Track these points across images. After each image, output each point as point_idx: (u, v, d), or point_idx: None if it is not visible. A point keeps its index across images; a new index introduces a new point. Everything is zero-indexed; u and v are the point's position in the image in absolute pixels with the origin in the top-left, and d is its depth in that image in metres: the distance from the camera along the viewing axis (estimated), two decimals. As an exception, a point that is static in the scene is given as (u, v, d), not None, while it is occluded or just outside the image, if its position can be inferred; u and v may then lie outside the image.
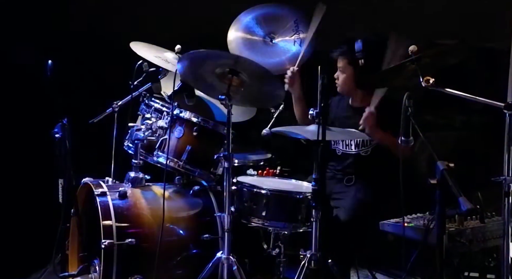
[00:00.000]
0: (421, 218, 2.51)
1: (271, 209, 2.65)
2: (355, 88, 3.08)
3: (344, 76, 3.07)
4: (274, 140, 3.07)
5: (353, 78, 3.05)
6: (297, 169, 3.22)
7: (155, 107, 2.93)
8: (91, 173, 2.89)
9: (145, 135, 2.85)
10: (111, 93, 3.12)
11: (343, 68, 3.06)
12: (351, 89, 3.10)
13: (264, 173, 3.13)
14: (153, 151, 2.87)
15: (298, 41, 3.16)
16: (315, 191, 2.50)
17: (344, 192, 3.01)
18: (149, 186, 2.86)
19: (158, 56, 3.00)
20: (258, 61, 3.12)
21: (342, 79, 3.08)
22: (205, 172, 2.90)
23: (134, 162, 2.85)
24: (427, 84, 2.26)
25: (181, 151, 2.84)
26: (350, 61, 3.03)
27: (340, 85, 3.10)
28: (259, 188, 2.69)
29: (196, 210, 2.85)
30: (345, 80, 3.07)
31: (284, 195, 2.70)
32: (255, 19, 3.25)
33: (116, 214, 2.61)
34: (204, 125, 2.86)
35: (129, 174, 2.84)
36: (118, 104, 3.05)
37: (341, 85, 3.10)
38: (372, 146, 3.03)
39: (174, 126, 2.86)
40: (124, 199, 2.69)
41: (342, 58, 3.06)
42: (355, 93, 3.11)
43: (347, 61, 3.04)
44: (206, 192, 2.90)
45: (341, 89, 3.12)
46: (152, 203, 2.74)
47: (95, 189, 2.68)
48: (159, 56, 2.99)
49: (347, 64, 3.05)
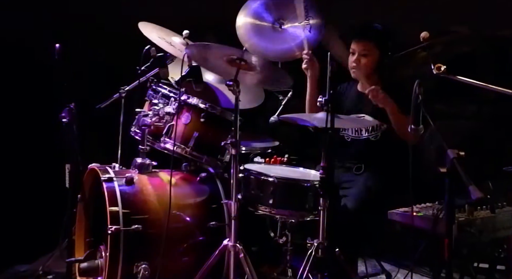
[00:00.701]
0: (430, 208, 2.51)
1: (278, 197, 2.66)
2: (373, 72, 3.05)
3: (368, 59, 3.00)
4: (282, 127, 3.07)
5: (378, 61, 3.00)
6: (305, 157, 3.22)
7: (162, 92, 2.93)
8: (98, 159, 2.90)
9: (152, 120, 2.85)
10: (118, 78, 3.13)
11: (368, 51, 3.00)
12: (369, 73, 3.04)
13: (272, 161, 3.14)
14: (160, 137, 2.88)
15: (308, 27, 3.14)
16: (323, 179, 2.50)
17: (352, 181, 3.01)
18: (156, 173, 2.87)
19: (166, 39, 2.99)
20: (267, 48, 3.15)
21: (365, 63, 3.01)
22: (212, 159, 2.90)
23: (141, 148, 2.85)
24: (439, 72, 2.25)
25: (188, 137, 2.85)
26: (378, 45, 2.99)
27: (360, 69, 3.02)
28: (267, 175, 2.69)
29: (203, 197, 2.85)
30: (369, 63, 3.01)
31: (291, 183, 2.70)
32: (264, 4, 3.22)
33: (122, 200, 2.62)
34: (211, 111, 2.86)
35: (136, 160, 2.85)
36: (125, 89, 3.06)
37: (363, 68, 3.01)
38: (381, 130, 3.02)
39: (181, 112, 2.86)
40: (130, 185, 2.70)
41: (368, 41, 3.01)
42: (369, 78, 3.07)
43: (374, 44, 3.00)
44: (213, 179, 2.90)
45: (359, 73, 3.03)
46: (159, 190, 2.75)
47: (102, 175, 2.69)
48: (166, 40, 2.98)
49: (374, 47, 3.00)
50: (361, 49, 3.02)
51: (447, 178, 1.96)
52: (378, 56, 3.01)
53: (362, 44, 3.02)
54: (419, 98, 2.18)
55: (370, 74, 3.05)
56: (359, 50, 3.03)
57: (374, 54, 3.01)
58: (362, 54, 3.03)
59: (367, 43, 3.01)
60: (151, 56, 2.94)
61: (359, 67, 3.03)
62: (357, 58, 3.04)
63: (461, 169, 1.91)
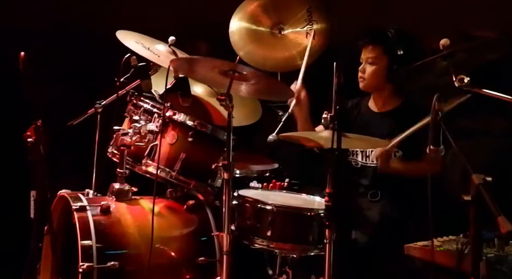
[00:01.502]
0: (453, 241, 2.48)
1: (278, 228, 2.64)
2: (384, 83, 3.04)
3: (375, 67, 3.02)
4: (282, 147, 3.06)
5: (386, 70, 3.01)
6: (308, 181, 3.20)
7: (144, 108, 2.93)
8: (68, 184, 2.89)
9: (132, 140, 2.84)
10: (94, 91, 3.13)
11: (376, 58, 3.01)
12: (379, 84, 3.05)
13: (270, 186, 3.12)
14: (141, 159, 2.87)
15: (311, 33, 3.15)
16: (329, 208, 2.48)
17: (368, 209, 3.00)
18: (136, 200, 2.86)
19: (149, 48, 2.99)
20: (265, 56, 3.16)
21: (371, 72, 3.02)
22: (202, 184, 2.90)
23: (119, 171, 2.84)
24: (461, 84, 2.24)
25: (174, 159, 2.84)
26: (385, 50, 3.00)
27: (367, 79, 3.03)
28: (264, 203, 2.68)
29: (191, 228, 2.85)
30: (376, 72, 3.01)
31: (292, 212, 2.69)
32: (262, 6, 3.24)
33: (97, 233, 2.61)
34: (201, 129, 2.86)
35: (113, 186, 2.84)
36: (102, 104, 3.05)
37: (369, 78, 3.03)
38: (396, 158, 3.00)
39: (166, 130, 2.86)
40: (106, 214, 2.69)
41: (375, 46, 3.02)
42: (381, 91, 3.06)
43: (381, 50, 3.01)
44: (202, 208, 2.90)
45: (367, 84, 3.05)
46: (140, 220, 2.74)
47: (73, 203, 2.68)
48: (149, 48, 2.99)
49: (381, 53, 3.01)
50: (368, 56, 3.04)
51: (472, 207, 1.94)
52: (386, 63, 3.00)
53: (368, 50, 3.03)
54: (439, 114, 2.17)
55: (380, 86, 3.04)
56: (366, 57, 3.04)
57: (382, 61, 3.01)
58: (369, 62, 3.03)
59: (374, 49, 3.02)
60: (132, 66, 2.95)
61: (366, 77, 3.04)
62: (363, 66, 3.05)
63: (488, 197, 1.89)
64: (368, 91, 3.11)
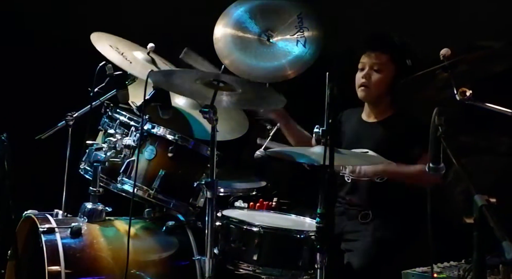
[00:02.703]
0: (455, 268, 2.49)
1: (265, 251, 2.64)
2: (386, 94, 3.05)
3: (382, 76, 3.02)
4: (270, 164, 3.06)
5: (392, 79, 3.01)
6: (298, 201, 3.20)
7: (120, 120, 2.93)
8: (36, 204, 2.87)
9: (107, 155, 2.84)
10: (65, 102, 3.11)
11: (383, 65, 3.02)
12: (381, 94, 3.06)
13: (257, 206, 3.13)
14: (116, 177, 2.87)
15: (302, 41, 3.16)
16: (321, 230, 2.47)
17: (358, 232, 3.00)
18: (111, 221, 2.86)
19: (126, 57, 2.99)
20: (252, 65, 3.16)
21: (378, 80, 3.02)
22: (182, 203, 2.90)
23: (92, 190, 2.83)
24: (463, 97, 2.25)
25: (152, 176, 2.84)
26: (394, 58, 3.01)
27: (371, 87, 3.03)
28: (250, 224, 2.67)
29: (170, 252, 2.84)
30: (383, 80, 3.01)
31: (281, 234, 2.69)
32: (249, 12, 3.25)
33: (66, 257, 2.59)
34: (182, 144, 2.86)
35: (85, 206, 2.83)
36: (74, 116, 3.04)
37: (374, 87, 3.02)
38: None
39: (144, 145, 2.85)
40: (77, 237, 2.68)
41: (382, 53, 3.03)
42: (380, 102, 3.08)
43: (389, 58, 3.02)
44: (183, 229, 2.89)
45: (371, 94, 3.05)
46: (114, 243, 2.74)
47: (40, 225, 2.66)
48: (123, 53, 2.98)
49: (389, 61, 3.02)
50: (373, 62, 3.03)
51: (475, 230, 1.94)
52: (393, 73, 3.02)
53: (374, 57, 3.04)
54: (439, 129, 2.18)
55: (382, 96, 3.05)
56: (371, 63, 3.04)
57: (389, 69, 3.02)
58: (375, 68, 3.03)
59: (381, 55, 3.03)
60: (107, 75, 2.95)
61: (369, 85, 3.04)
62: (367, 73, 3.04)
63: (492, 219, 1.89)
64: (368, 101, 3.11)
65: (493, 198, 1.94)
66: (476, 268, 1.99)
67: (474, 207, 1.94)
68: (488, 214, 1.90)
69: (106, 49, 2.94)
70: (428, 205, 2.21)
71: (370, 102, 3.11)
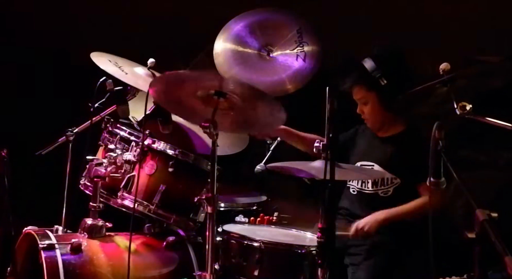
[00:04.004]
0: (457, 282, 2.47)
1: (266, 267, 2.63)
2: (385, 116, 3.08)
3: (369, 107, 3.07)
4: (271, 178, 3.05)
5: (380, 104, 3.05)
6: (299, 216, 3.19)
7: (121, 135, 2.93)
8: (36, 220, 2.86)
9: (107, 171, 2.84)
10: (65, 118, 3.11)
11: (364, 98, 3.07)
12: (379, 119, 3.09)
13: (258, 221, 3.12)
14: (117, 192, 2.87)
15: (302, 56, 3.17)
16: (322, 245, 2.47)
17: (362, 246, 2.99)
18: (111, 237, 2.85)
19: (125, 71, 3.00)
20: (252, 80, 3.16)
21: (368, 111, 3.08)
22: (183, 218, 2.89)
23: (93, 205, 2.83)
24: (463, 112, 2.26)
25: (153, 192, 2.85)
26: (369, 87, 3.04)
27: (370, 120, 3.10)
28: (251, 239, 2.67)
29: (171, 267, 2.84)
30: (372, 110, 3.07)
31: (282, 249, 2.69)
32: (249, 27, 3.26)
33: (66, 274, 2.59)
34: (182, 159, 2.87)
35: (85, 221, 2.82)
36: (74, 131, 3.05)
37: (371, 117, 3.09)
38: (394, 185, 3.03)
39: (144, 160, 2.86)
40: (77, 253, 2.67)
41: (358, 87, 3.07)
42: (385, 123, 3.11)
43: (365, 88, 3.05)
44: (183, 245, 2.90)
45: (372, 124, 3.11)
46: (114, 259, 2.73)
47: (40, 241, 2.65)
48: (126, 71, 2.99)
49: (367, 91, 3.05)
50: (357, 97, 3.10)
51: (476, 245, 1.94)
52: (376, 98, 3.05)
53: (355, 92, 3.10)
54: (440, 144, 2.18)
55: (383, 120, 3.08)
56: (356, 98, 3.11)
57: (372, 97, 3.06)
58: (362, 102, 3.10)
59: (358, 89, 3.08)
60: (107, 90, 2.96)
61: (367, 117, 3.10)
62: (359, 108, 3.11)
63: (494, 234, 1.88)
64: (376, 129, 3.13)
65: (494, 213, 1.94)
66: (478, 283, 1.98)
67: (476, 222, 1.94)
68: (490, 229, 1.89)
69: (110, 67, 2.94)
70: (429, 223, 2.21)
71: (378, 129, 3.13)
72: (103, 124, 3.01)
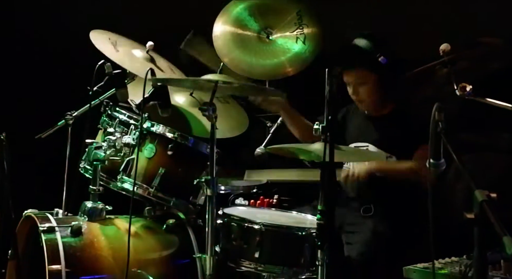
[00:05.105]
0: (456, 263, 2.48)
1: (266, 249, 2.63)
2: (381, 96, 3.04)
3: (367, 87, 3.02)
4: (271, 161, 3.06)
5: (379, 85, 3.00)
6: (299, 198, 3.20)
7: (120, 119, 2.93)
8: (36, 203, 2.87)
9: (106, 154, 2.84)
10: (64, 101, 3.10)
11: (363, 79, 3.01)
12: (376, 100, 3.05)
13: (258, 203, 3.13)
14: (116, 175, 2.87)
15: (302, 38, 3.16)
16: (322, 226, 2.47)
17: (358, 224, 3.00)
18: (111, 220, 2.85)
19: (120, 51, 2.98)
20: (252, 63, 3.16)
21: (365, 92, 3.02)
22: (183, 201, 2.90)
23: (92, 188, 2.83)
24: (463, 93, 2.25)
25: (152, 174, 2.85)
26: (370, 69, 2.99)
27: (366, 101, 3.05)
28: (251, 222, 2.67)
29: (171, 250, 2.84)
30: (370, 90, 3.01)
31: (282, 231, 2.69)
32: (248, 9, 3.25)
33: (66, 256, 2.59)
34: (181, 142, 2.87)
35: (85, 204, 2.83)
36: (73, 115, 3.04)
37: (368, 99, 3.03)
38: None
39: (143, 143, 2.86)
40: (77, 236, 2.67)
41: (357, 69, 3.01)
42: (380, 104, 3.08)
43: (366, 70, 3.00)
44: (183, 227, 2.89)
45: (366, 106, 3.07)
46: (114, 242, 2.73)
47: (41, 224, 2.66)
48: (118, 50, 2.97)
49: (368, 72, 3.00)
50: (355, 79, 3.03)
51: (476, 226, 1.94)
52: (377, 79, 3.01)
53: (354, 74, 3.03)
54: (440, 125, 2.17)
55: (380, 100, 3.06)
56: (353, 80, 3.04)
57: (372, 79, 3.01)
58: (359, 82, 3.03)
59: (358, 71, 3.02)
60: (106, 74, 2.95)
61: (362, 98, 3.05)
62: (354, 89, 3.04)
63: (493, 215, 1.89)
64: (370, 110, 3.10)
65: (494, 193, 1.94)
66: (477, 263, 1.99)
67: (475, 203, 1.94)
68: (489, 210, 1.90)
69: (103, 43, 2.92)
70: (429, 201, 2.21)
71: (373, 110, 3.11)
72: (102, 108, 3.00)
